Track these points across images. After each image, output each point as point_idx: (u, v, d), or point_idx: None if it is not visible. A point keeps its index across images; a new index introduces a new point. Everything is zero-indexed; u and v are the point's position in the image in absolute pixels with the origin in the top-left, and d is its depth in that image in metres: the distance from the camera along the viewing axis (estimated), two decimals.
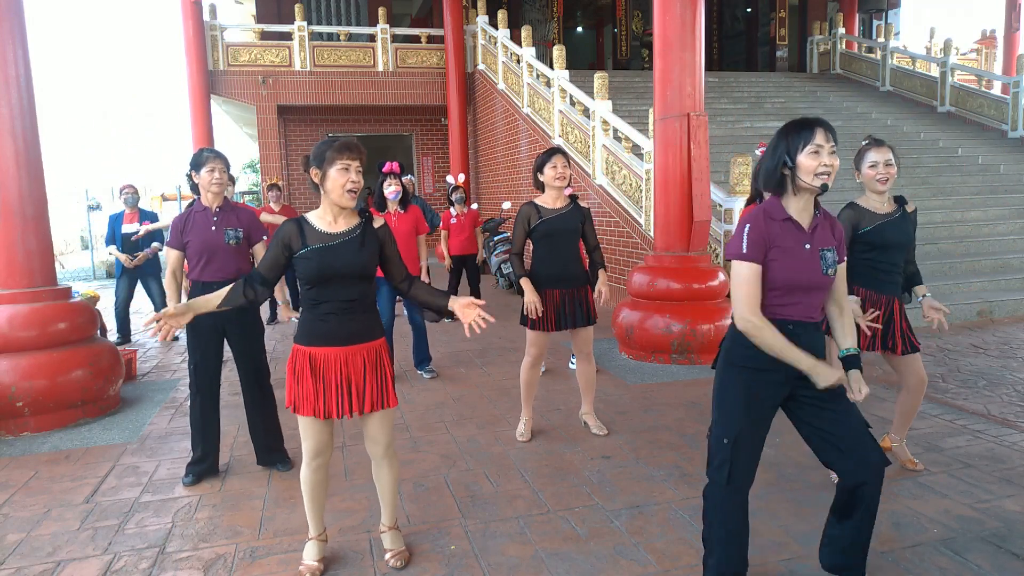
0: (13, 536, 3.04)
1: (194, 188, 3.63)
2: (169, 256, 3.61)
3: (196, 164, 3.55)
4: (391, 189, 5.26)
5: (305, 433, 2.57)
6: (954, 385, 4.91)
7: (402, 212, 5.38)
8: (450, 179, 8.63)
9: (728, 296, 6.31)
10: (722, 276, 6.07)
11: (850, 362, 2.28)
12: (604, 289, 3.99)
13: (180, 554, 2.85)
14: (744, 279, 2.17)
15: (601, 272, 4.02)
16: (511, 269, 9.75)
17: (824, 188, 2.13)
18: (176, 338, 7.44)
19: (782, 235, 2.17)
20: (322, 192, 2.53)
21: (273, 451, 3.74)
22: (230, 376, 5.24)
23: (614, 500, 3.23)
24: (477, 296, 8.22)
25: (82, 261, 17.42)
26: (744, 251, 2.17)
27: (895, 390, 4.64)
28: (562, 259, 3.89)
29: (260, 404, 3.69)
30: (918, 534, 2.81)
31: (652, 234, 7.12)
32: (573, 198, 3.96)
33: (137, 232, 7.11)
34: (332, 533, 2.98)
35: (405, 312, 5.59)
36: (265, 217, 7.49)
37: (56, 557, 2.85)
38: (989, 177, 10.09)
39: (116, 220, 7.14)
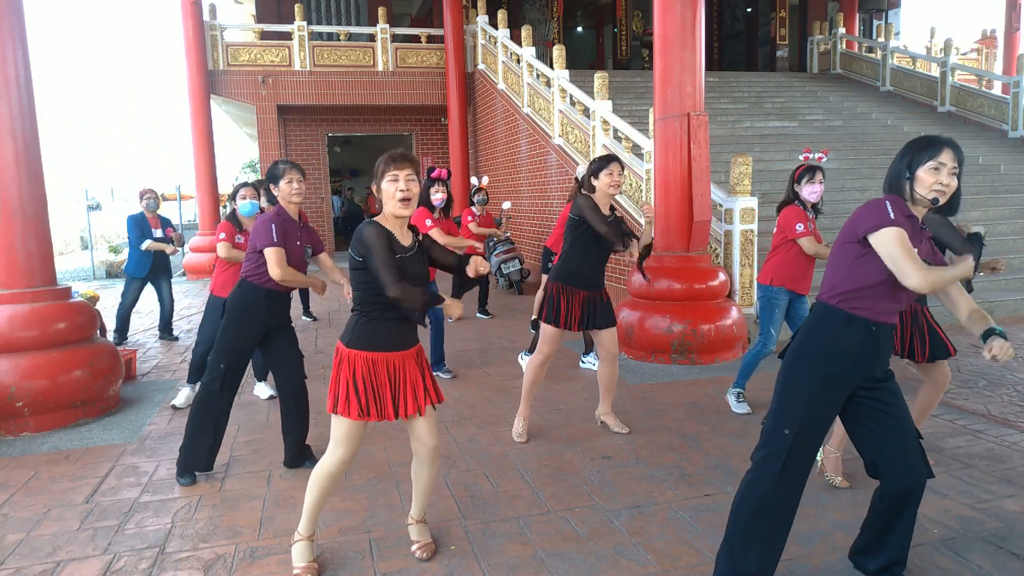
0: (13, 536, 3.04)
1: (272, 199, 3.68)
2: (276, 255, 3.47)
3: (274, 176, 3.59)
4: (438, 196, 5.39)
5: (346, 435, 2.59)
6: (954, 385, 4.91)
7: (441, 219, 5.54)
8: (474, 180, 8.63)
9: (729, 296, 6.34)
10: (722, 276, 6.07)
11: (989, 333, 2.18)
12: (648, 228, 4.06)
13: (180, 554, 2.85)
14: (902, 240, 2.12)
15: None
16: (511, 269, 9.79)
17: (935, 203, 2.19)
18: (176, 338, 7.44)
19: (909, 228, 2.17)
20: (380, 204, 2.59)
21: (304, 451, 3.78)
22: None
23: (614, 500, 3.23)
24: (484, 295, 8.24)
25: (82, 261, 17.42)
26: (892, 216, 2.14)
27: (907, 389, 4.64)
28: (598, 263, 3.95)
29: (303, 406, 3.74)
30: (918, 534, 2.80)
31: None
32: (611, 209, 3.99)
33: (167, 238, 7.08)
34: (332, 533, 2.98)
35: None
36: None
37: (56, 557, 2.85)
38: (989, 177, 10.08)
39: (143, 220, 7.03)
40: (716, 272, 6.03)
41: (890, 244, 2.12)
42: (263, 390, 5.11)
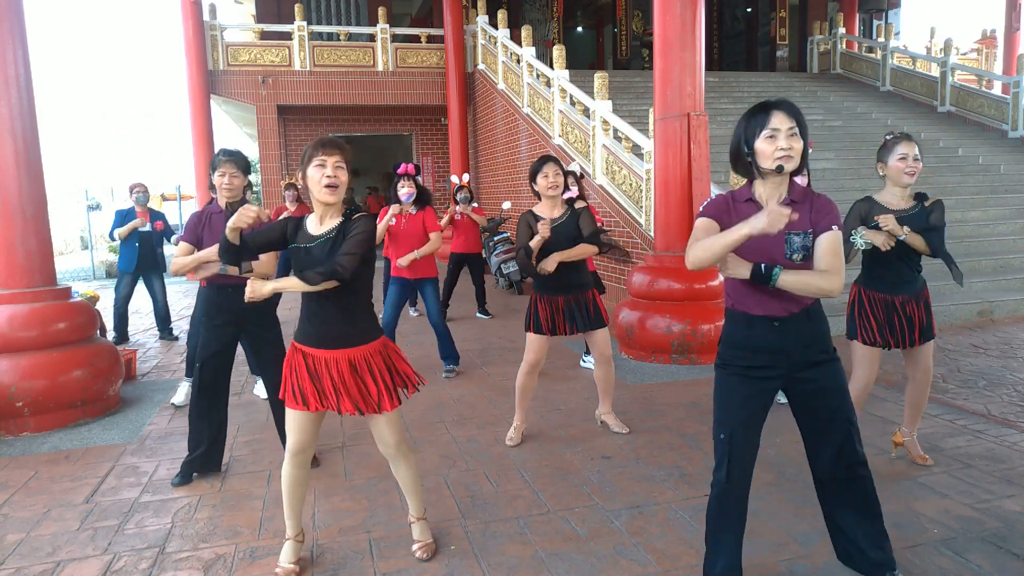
0: (13, 536, 3.04)
1: (213, 188, 3.64)
2: (180, 248, 3.55)
3: (212, 166, 3.58)
4: (404, 191, 5.33)
5: (290, 427, 2.60)
6: (954, 385, 4.91)
7: (413, 213, 5.43)
8: (453, 178, 8.60)
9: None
10: (722, 276, 6.07)
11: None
12: (559, 257, 3.76)
13: (180, 554, 2.85)
14: (696, 229, 2.19)
15: (585, 246, 3.81)
16: (511, 269, 9.78)
17: (780, 169, 2.11)
18: (176, 337, 7.44)
19: (746, 215, 2.12)
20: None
21: None
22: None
23: (614, 500, 3.23)
24: (483, 295, 8.20)
25: (82, 261, 17.41)
26: (702, 210, 2.23)
27: (895, 390, 4.64)
28: (564, 268, 3.84)
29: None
30: (918, 534, 2.81)
31: (652, 234, 7.12)
32: (570, 203, 3.94)
33: (150, 230, 7.11)
34: (332, 533, 2.98)
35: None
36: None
37: (56, 557, 2.85)
38: (989, 177, 10.08)
39: (129, 215, 7.07)
40: (716, 272, 6.03)
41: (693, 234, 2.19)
42: (263, 390, 5.10)
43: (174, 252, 3.69)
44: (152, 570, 2.74)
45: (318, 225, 2.54)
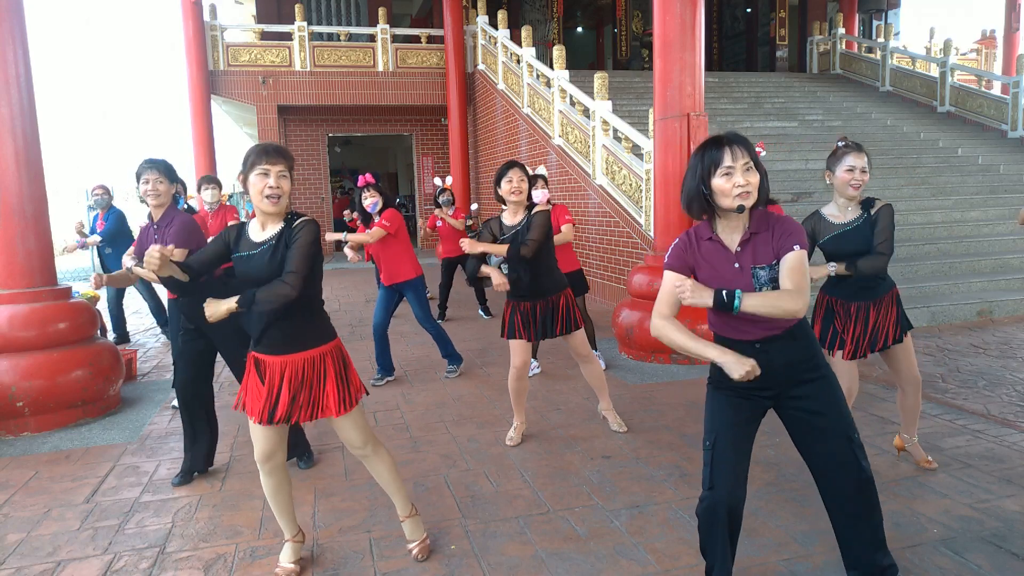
0: (13, 536, 3.04)
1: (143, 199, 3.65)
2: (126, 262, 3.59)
3: (136, 175, 3.56)
4: (368, 201, 5.22)
5: (254, 436, 2.55)
6: (954, 385, 4.91)
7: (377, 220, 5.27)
8: (437, 180, 8.48)
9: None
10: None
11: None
12: (488, 249, 3.71)
13: (180, 554, 2.85)
14: (665, 283, 2.22)
15: (505, 247, 3.70)
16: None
17: (740, 209, 2.09)
18: None
19: (710, 254, 2.17)
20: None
21: (294, 445, 3.68)
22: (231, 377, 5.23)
23: (614, 500, 3.23)
24: (481, 293, 8.18)
25: (82, 261, 17.40)
26: (667, 260, 2.24)
27: (895, 390, 4.64)
28: (525, 275, 3.77)
29: None
30: (918, 534, 2.81)
31: (652, 234, 7.12)
32: (529, 208, 3.81)
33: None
34: (332, 533, 2.98)
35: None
36: None
37: (56, 557, 2.85)
38: (989, 177, 10.08)
39: (95, 219, 7.19)
40: None
41: (662, 285, 2.25)
42: None
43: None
44: (152, 570, 2.74)
45: (260, 231, 2.49)
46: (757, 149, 4.16)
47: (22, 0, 4.61)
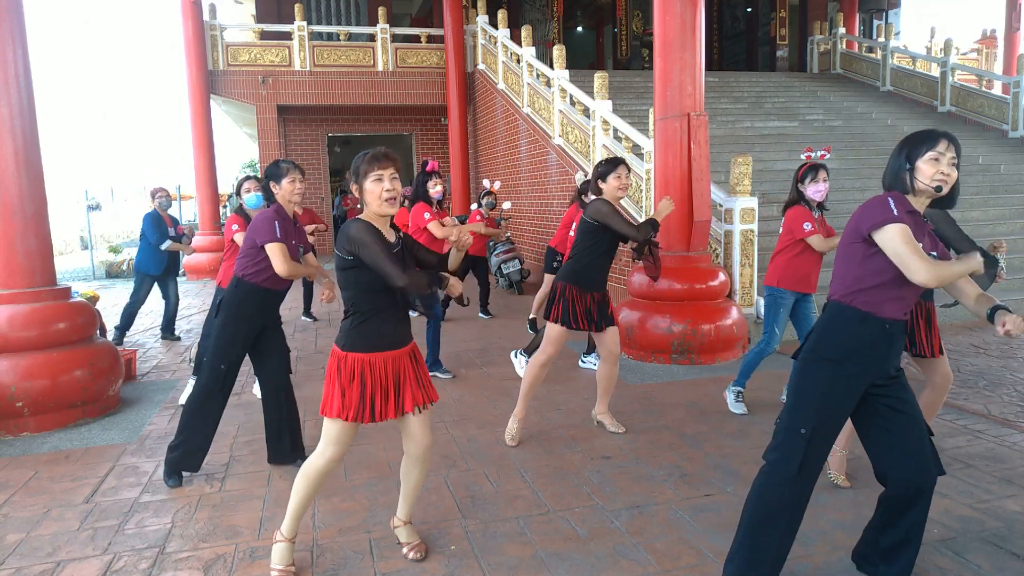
0: (13, 536, 3.04)
1: (270, 197, 3.64)
2: (280, 251, 3.44)
3: (276, 175, 3.57)
4: (437, 189, 5.27)
5: (338, 436, 2.57)
6: (954, 385, 4.91)
7: (439, 212, 5.39)
8: (486, 183, 8.62)
9: (729, 296, 6.34)
10: (722, 276, 6.07)
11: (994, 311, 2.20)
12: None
13: (180, 554, 2.85)
14: (907, 236, 2.12)
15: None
16: (511, 269, 9.79)
17: (938, 190, 2.19)
18: (178, 338, 7.44)
19: (911, 223, 2.18)
20: (363, 204, 2.58)
21: (295, 449, 3.75)
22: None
23: (614, 500, 3.23)
24: (486, 294, 8.28)
25: (82, 261, 17.41)
26: (896, 213, 2.15)
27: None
28: (608, 265, 4.03)
29: (290, 399, 3.74)
30: None
31: None
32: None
33: (179, 235, 7.23)
34: (332, 533, 2.98)
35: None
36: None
37: (56, 557, 2.85)
38: (989, 177, 10.08)
39: (159, 219, 7.08)
40: (716, 272, 6.03)
41: (895, 241, 2.12)
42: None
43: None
44: (152, 570, 2.74)
45: (387, 233, 2.60)
46: (822, 153, 4.26)
47: (22, 0, 4.61)
